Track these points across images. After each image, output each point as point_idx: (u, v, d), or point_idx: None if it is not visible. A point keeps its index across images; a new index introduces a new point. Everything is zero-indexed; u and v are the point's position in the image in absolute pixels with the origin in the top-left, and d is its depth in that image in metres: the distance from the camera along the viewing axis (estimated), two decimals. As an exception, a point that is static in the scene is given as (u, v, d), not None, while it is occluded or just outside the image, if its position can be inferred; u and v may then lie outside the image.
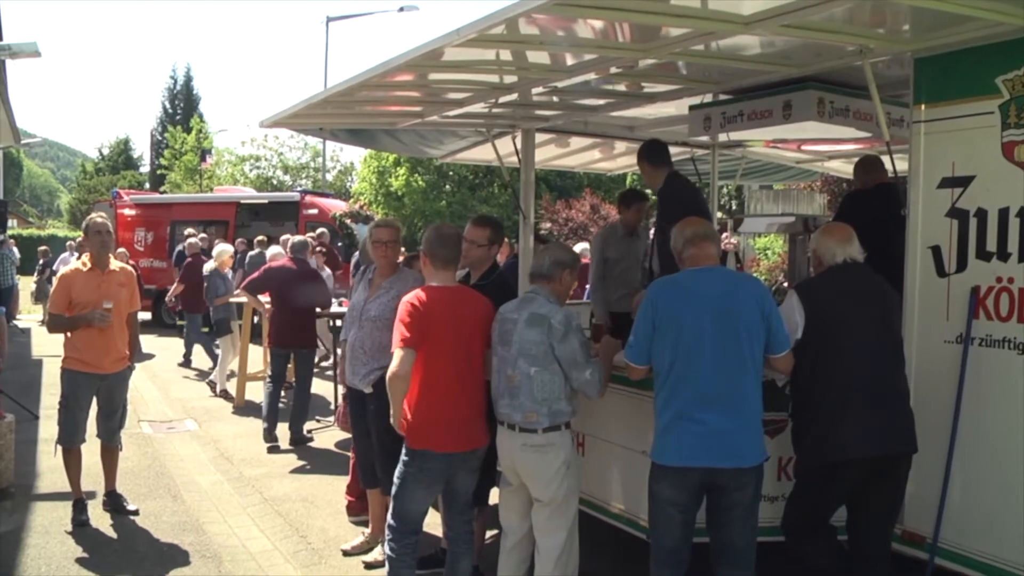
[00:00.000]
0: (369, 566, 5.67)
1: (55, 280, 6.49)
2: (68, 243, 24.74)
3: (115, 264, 6.53)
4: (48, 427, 8.87)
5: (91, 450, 6.65)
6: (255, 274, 9.87)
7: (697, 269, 4.21)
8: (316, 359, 10.62)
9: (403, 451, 4.59)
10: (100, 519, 6.52)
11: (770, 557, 4.45)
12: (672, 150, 9.08)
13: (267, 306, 9.52)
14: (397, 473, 4.61)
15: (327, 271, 13.03)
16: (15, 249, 21.05)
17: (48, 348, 14.16)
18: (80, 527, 6.31)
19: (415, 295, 4.52)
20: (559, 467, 4.43)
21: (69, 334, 6.37)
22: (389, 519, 4.66)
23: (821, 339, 4.25)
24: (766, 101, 5.94)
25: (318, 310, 9.46)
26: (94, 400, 6.50)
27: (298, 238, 9.89)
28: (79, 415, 6.42)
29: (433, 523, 5.13)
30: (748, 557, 4.16)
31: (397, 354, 4.43)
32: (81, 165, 70.90)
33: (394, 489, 4.63)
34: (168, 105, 61.49)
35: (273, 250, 11.94)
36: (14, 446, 7.29)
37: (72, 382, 6.37)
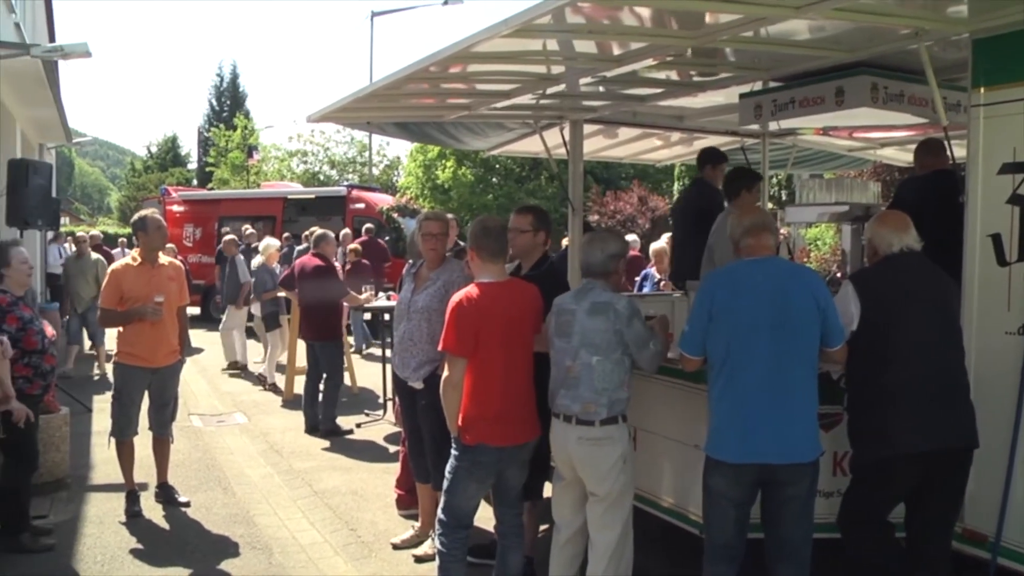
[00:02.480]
0: (419, 560, 5.66)
1: (105, 276, 6.57)
2: (120, 240, 25.08)
3: (163, 258, 6.60)
4: (101, 420, 9.00)
5: (143, 443, 6.73)
6: (287, 270, 10.52)
7: (753, 260, 4.13)
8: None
9: (454, 447, 4.58)
10: (152, 510, 6.60)
11: (826, 554, 4.36)
12: (722, 140, 9.05)
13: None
14: (448, 468, 4.60)
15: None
16: (68, 246, 21.38)
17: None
18: (133, 518, 6.40)
19: (464, 296, 4.50)
20: (616, 461, 4.38)
21: (121, 329, 6.44)
22: (440, 514, 4.65)
23: (877, 331, 4.15)
24: (818, 88, 5.84)
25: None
26: (145, 393, 6.58)
27: (319, 232, 10.08)
28: (132, 408, 6.50)
29: (484, 516, 5.11)
30: (804, 553, 4.09)
31: (449, 362, 4.47)
32: (130, 163, 71.92)
33: (445, 484, 4.62)
34: (215, 102, 62.03)
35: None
36: (69, 438, 7.40)
37: (125, 376, 6.45)
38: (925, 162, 5.90)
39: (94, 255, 13.26)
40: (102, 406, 9.63)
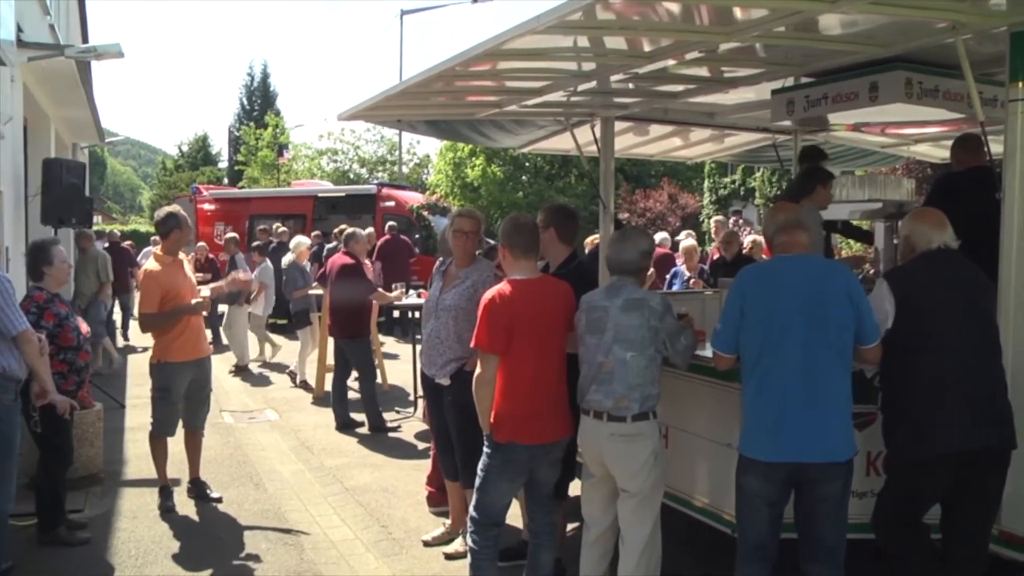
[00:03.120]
0: (450, 557, 5.67)
1: (140, 279, 6.61)
2: (153, 238, 25.27)
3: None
4: (134, 416, 9.11)
5: (175, 439, 6.79)
6: (321, 269, 10.80)
7: (787, 257, 4.11)
8: None
9: (486, 444, 4.58)
10: (185, 505, 6.66)
11: (860, 555, 4.31)
12: (753, 136, 8.99)
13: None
14: (480, 466, 4.61)
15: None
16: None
17: (133, 339, 14.54)
18: (167, 513, 6.48)
19: (497, 292, 4.50)
20: (647, 457, 4.36)
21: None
22: (471, 512, 4.65)
23: (912, 329, 4.10)
24: (851, 83, 5.77)
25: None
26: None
27: (349, 230, 10.18)
28: (177, 406, 6.59)
29: (514, 515, 5.11)
30: (837, 553, 4.05)
31: (482, 360, 4.47)
32: (161, 162, 72.43)
33: (477, 482, 4.62)
34: (246, 102, 62.36)
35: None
36: (103, 434, 7.49)
37: (171, 374, 6.47)
38: (962, 158, 5.83)
39: (97, 244, 13.16)
40: (135, 402, 9.76)
